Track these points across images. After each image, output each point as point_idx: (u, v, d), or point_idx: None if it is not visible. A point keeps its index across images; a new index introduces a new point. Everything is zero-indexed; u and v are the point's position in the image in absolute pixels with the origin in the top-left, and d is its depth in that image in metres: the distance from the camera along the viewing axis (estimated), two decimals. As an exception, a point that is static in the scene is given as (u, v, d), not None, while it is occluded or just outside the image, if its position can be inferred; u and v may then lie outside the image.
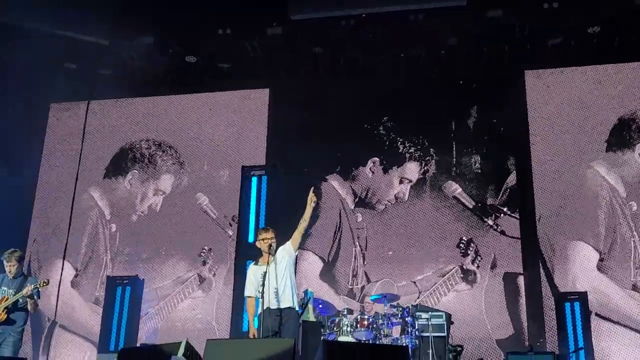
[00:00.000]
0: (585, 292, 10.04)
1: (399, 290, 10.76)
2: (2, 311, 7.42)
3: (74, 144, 12.73)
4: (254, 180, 11.56)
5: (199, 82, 12.40)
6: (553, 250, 10.93)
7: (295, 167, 11.75)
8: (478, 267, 10.98)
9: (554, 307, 10.24)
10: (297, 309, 7.37)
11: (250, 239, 11.12)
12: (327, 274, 11.39)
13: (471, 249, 11.07)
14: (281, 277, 7.22)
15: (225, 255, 11.73)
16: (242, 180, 11.52)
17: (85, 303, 11.87)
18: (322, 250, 11.50)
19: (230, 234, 11.81)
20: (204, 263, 11.78)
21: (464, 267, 11.03)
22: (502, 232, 11.12)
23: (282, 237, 7.53)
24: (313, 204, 7.28)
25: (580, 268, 10.78)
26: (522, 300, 10.76)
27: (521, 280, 10.86)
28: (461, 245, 11.13)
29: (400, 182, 11.65)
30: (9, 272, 7.74)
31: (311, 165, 11.88)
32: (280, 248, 7.44)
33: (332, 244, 11.50)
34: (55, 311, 11.63)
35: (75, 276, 12.01)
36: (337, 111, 11.84)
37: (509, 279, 10.92)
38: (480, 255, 11.03)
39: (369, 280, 11.23)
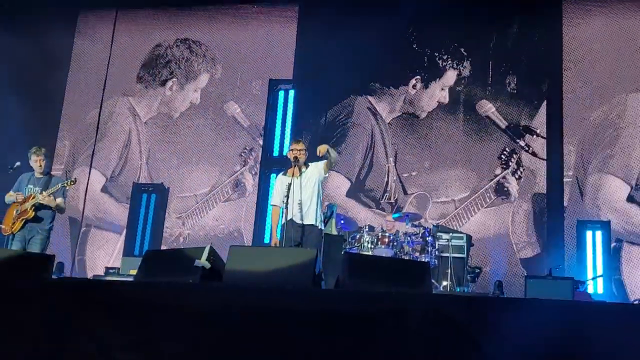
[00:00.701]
0: (609, 221, 10.01)
1: (433, 205, 10.95)
2: (30, 209, 7.53)
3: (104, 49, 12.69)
4: (281, 93, 11.53)
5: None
6: (585, 176, 10.86)
7: (323, 82, 11.60)
8: (519, 178, 10.97)
9: (576, 234, 10.23)
10: (320, 227, 7.38)
11: (275, 152, 11.17)
12: (355, 192, 11.43)
13: (513, 159, 11.04)
14: (306, 191, 7.20)
15: (255, 164, 11.82)
16: (269, 94, 11.48)
17: (119, 204, 12.07)
18: (349, 171, 11.49)
19: (261, 143, 11.82)
20: (245, 163, 11.83)
21: (500, 181, 11.03)
22: (534, 154, 11.05)
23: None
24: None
25: (608, 199, 10.71)
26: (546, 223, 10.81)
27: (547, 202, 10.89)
28: (503, 156, 11.09)
29: (442, 89, 11.61)
30: (39, 166, 7.72)
31: (341, 80, 11.71)
32: (313, 164, 7.41)
33: (362, 162, 11.50)
34: (82, 215, 11.85)
35: (107, 181, 12.17)
36: (369, 27, 11.50)
37: (538, 199, 10.92)
38: (522, 167, 11.01)
39: (405, 192, 11.29)
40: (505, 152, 11.09)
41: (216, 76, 12.35)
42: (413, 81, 11.66)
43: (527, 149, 11.08)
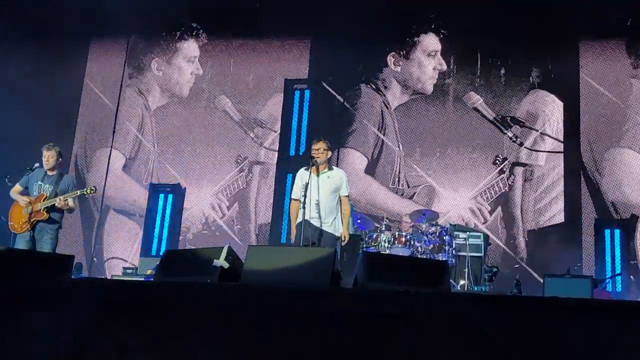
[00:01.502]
0: (627, 219, 9.98)
1: (437, 199, 11.08)
2: (44, 210, 7.54)
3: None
4: (297, 94, 11.52)
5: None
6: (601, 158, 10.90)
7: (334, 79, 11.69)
8: (510, 187, 11.01)
9: (594, 232, 10.19)
10: (338, 235, 7.35)
11: (292, 152, 11.18)
12: (372, 170, 11.57)
13: (506, 167, 11.07)
14: (324, 193, 7.18)
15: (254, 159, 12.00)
16: (285, 94, 11.49)
17: (138, 185, 12.23)
18: (365, 149, 11.62)
19: (252, 136, 11.97)
20: (241, 170, 11.94)
21: (498, 183, 11.07)
22: (521, 144, 11.07)
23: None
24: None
25: (628, 171, 10.76)
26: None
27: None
28: (497, 162, 11.11)
29: (429, 55, 11.59)
30: (47, 162, 7.70)
31: (343, 77, 11.81)
32: (338, 172, 7.40)
33: (374, 144, 11.60)
34: (102, 199, 11.97)
35: (126, 163, 12.36)
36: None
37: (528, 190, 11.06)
38: (514, 174, 11.05)
39: (408, 185, 11.34)
40: (498, 159, 11.10)
41: (202, 42, 12.44)
42: (390, 58, 11.67)
43: (514, 139, 11.09)
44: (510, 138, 11.14)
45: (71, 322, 4.51)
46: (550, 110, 11.17)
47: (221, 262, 5.39)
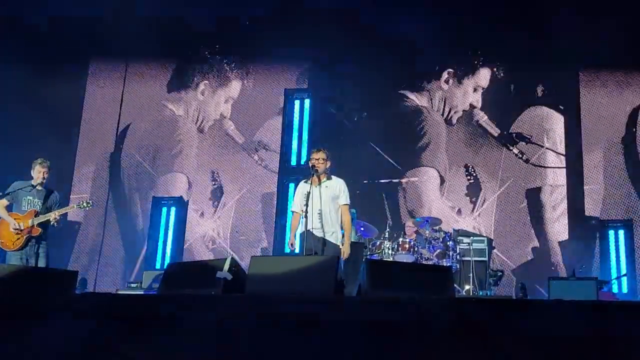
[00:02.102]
0: (631, 220, 9.94)
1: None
2: (37, 226, 7.50)
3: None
4: (297, 103, 11.49)
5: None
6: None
7: (339, 85, 11.66)
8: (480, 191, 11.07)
9: (598, 234, 10.16)
10: (340, 246, 7.33)
11: (293, 161, 11.14)
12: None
13: (478, 175, 11.10)
14: (326, 202, 7.15)
15: (259, 182, 11.97)
16: (284, 103, 11.47)
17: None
18: (440, 166, 11.54)
19: (256, 158, 11.97)
20: (221, 192, 12.00)
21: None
22: (527, 161, 11.04)
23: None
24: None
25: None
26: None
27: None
28: (469, 172, 11.14)
29: (474, 90, 11.56)
30: (43, 178, 7.61)
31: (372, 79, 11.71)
32: (337, 181, 7.33)
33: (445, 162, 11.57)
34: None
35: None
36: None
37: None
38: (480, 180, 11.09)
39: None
40: (469, 168, 11.12)
41: (248, 86, 12.42)
42: (445, 75, 11.64)
43: (520, 156, 11.05)
44: (516, 155, 11.10)
45: (75, 337, 4.51)
46: (556, 126, 11.16)
47: (225, 273, 5.39)
